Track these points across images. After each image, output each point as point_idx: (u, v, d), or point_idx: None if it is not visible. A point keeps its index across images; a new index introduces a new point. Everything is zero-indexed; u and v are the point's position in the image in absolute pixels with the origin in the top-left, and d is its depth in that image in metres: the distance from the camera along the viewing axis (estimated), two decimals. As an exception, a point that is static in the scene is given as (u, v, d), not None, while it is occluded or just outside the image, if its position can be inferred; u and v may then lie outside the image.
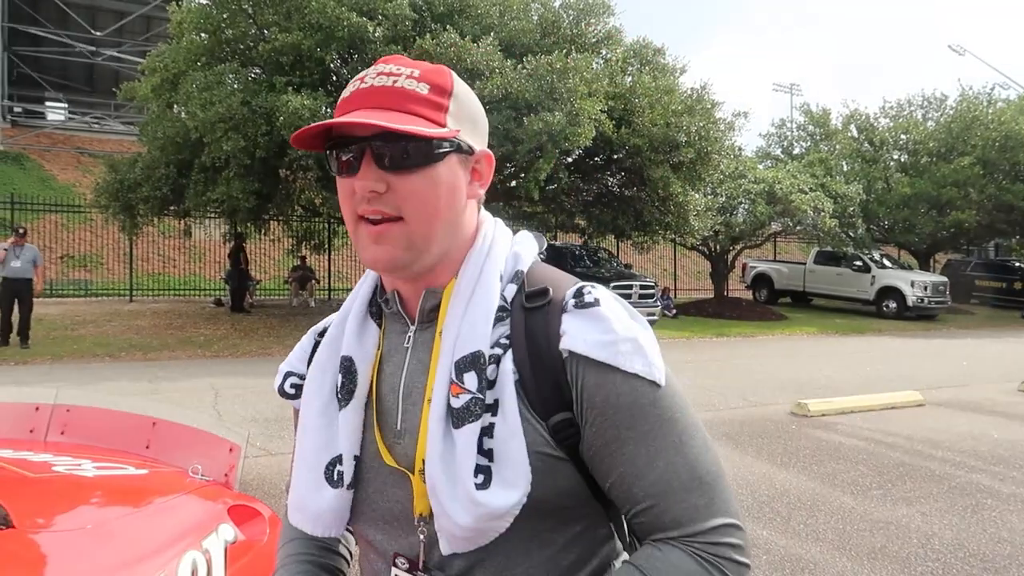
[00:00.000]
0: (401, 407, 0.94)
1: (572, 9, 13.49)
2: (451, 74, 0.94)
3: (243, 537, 1.86)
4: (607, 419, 0.87)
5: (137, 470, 2.06)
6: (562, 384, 0.88)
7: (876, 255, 22.05)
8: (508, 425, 0.87)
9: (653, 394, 0.87)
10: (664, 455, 0.87)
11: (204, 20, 12.47)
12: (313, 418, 0.98)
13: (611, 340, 0.87)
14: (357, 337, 0.99)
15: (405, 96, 0.89)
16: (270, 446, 6.04)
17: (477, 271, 0.94)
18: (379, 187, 0.88)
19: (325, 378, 0.99)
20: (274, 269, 19.98)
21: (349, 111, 0.89)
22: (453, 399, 0.88)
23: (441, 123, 0.89)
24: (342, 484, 0.94)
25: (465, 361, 0.88)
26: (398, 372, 0.96)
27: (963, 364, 12.32)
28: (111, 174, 13.64)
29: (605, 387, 0.87)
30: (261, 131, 11.11)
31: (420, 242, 0.90)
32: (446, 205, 0.91)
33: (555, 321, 0.90)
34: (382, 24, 11.57)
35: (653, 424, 0.87)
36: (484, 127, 0.98)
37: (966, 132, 23.38)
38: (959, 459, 6.24)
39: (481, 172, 0.97)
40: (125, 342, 11.52)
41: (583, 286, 0.92)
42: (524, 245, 0.99)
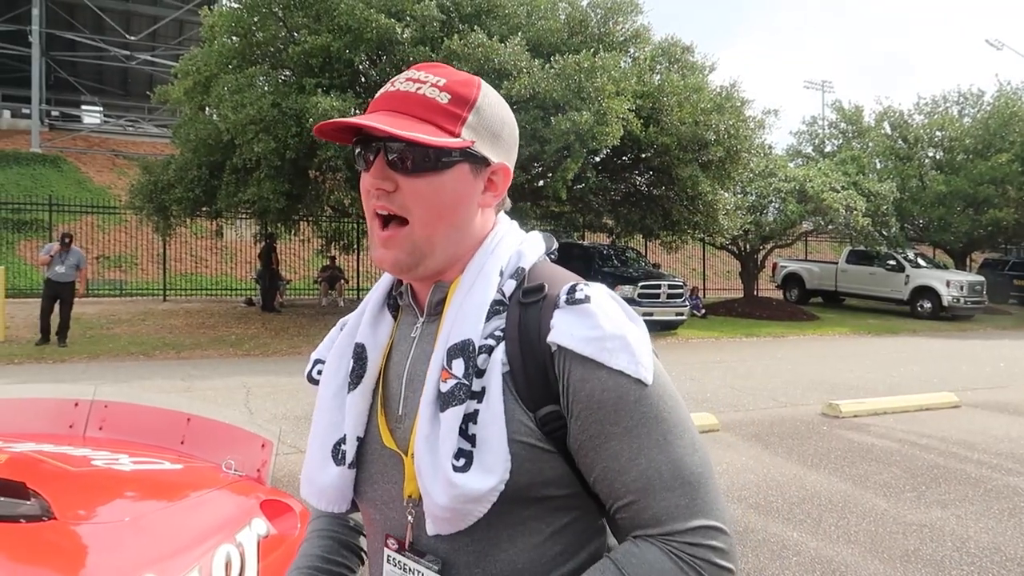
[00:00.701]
0: (404, 393, 0.99)
1: (600, 8, 13.46)
2: (479, 87, 0.97)
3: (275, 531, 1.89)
4: (592, 414, 0.89)
5: (172, 465, 2.10)
6: (550, 377, 0.91)
7: (910, 254, 21.65)
8: (491, 412, 0.90)
9: (639, 392, 0.89)
10: (647, 452, 0.88)
11: (235, 24, 12.64)
12: (327, 400, 1.05)
13: (597, 336, 0.89)
14: (371, 326, 1.05)
15: (424, 104, 0.94)
16: (300, 443, 6.11)
17: (480, 267, 0.98)
18: (387, 185, 0.94)
19: (341, 363, 1.05)
20: (304, 269, 20.18)
21: (374, 111, 0.95)
22: (441, 384, 0.92)
23: (454, 133, 0.93)
24: (344, 462, 1.00)
25: (455, 348, 0.92)
26: (404, 360, 1.01)
27: (1000, 365, 12.06)
28: (145, 176, 13.88)
29: (590, 382, 0.89)
30: (291, 132, 11.23)
31: (423, 245, 0.95)
32: (451, 211, 0.95)
33: (547, 316, 0.93)
34: (410, 25, 11.64)
35: (637, 421, 0.89)
36: (509, 141, 1.02)
37: (1004, 128, 22.90)
38: (996, 461, 6.12)
39: (496, 183, 1.00)
40: (159, 341, 11.73)
41: (577, 283, 0.95)
42: (530, 244, 1.03)
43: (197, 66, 12.95)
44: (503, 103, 1.01)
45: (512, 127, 1.03)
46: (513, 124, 1.04)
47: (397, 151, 0.93)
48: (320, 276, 18.20)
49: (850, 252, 21.92)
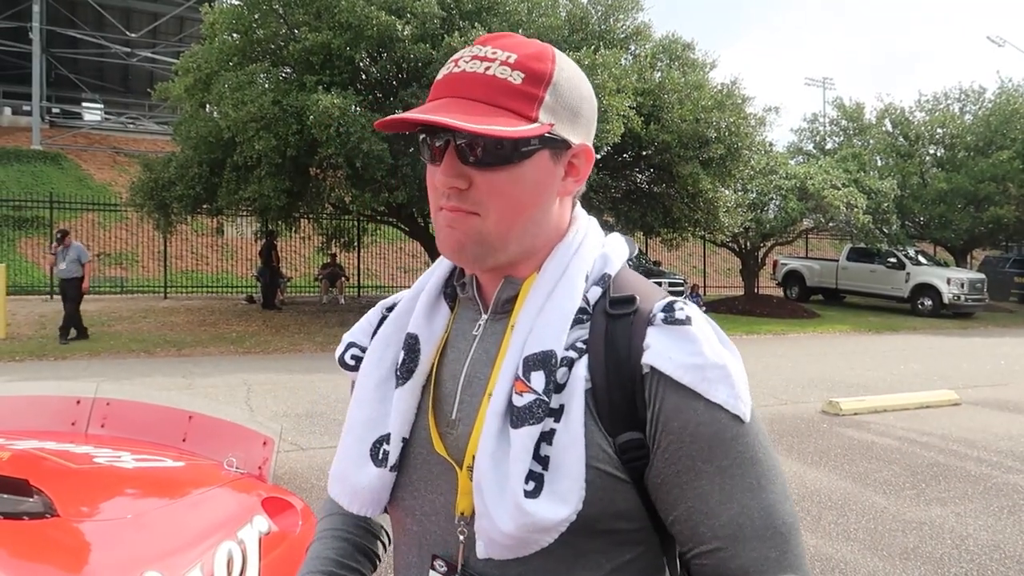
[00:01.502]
0: (459, 396, 0.90)
1: (600, 5, 13.45)
2: (554, 59, 0.87)
3: (276, 528, 1.90)
4: (682, 448, 0.81)
5: (174, 462, 2.11)
6: (637, 401, 0.83)
7: (911, 252, 21.65)
8: (570, 434, 0.81)
9: (736, 429, 0.82)
10: (740, 496, 0.81)
11: (236, 21, 12.63)
12: (368, 391, 0.95)
13: (698, 364, 0.81)
14: (427, 316, 0.96)
15: (495, 87, 0.83)
16: (301, 441, 6.12)
17: (562, 268, 0.89)
18: (460, 183, 0.84)
19: (387, 352, 0.96)
20: (304, 267, 20.19)
21: (438, 98, 0.85)
22: (516, 396, 0.83)
23: (531, 117, 0.83)
24: (386, 464, 0.90)
25: (535, 359, 0.83)
26: (461, 359, 0.92)
27: (1001, 363, 12.07)
28: (146, 173, 13.87)
29: (685, 413, 0.81)
30: (292, 130, 11.22)
31: (495, 240, 0.86)
32: (530, 203, 0.87)
33: (639, 332, 0.84)
34: (411, 22, 11.63)
35: (732, 461, 0.81)
36: (589, 117, 0.91)
37: (1005, 125, 22.88)
38: (996, 459, 6.13)
39: (578, 167, 0.91)
40: (160, 338, 11.74)
41: (674, 300, 0.87)
42: (614, 248, 0.94)
43: (198, 63, 12.94)
44: (580, 74, 0.90)
45: (591, 100, 0.92)
46: (592, 96, 0.92)
47: (470, 144, 0.83)
48: (321, 273, 18.20)
49: (851, 250, 21.91)
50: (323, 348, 11.57)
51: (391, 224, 16.41)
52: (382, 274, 21.46)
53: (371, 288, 20.55)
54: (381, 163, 11.59)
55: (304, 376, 9.07)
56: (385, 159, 11.52)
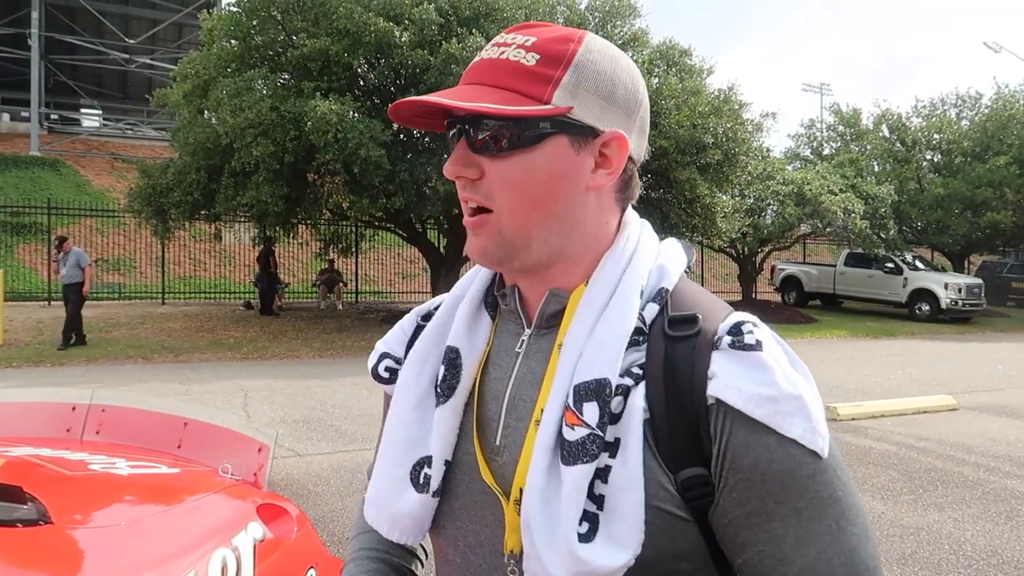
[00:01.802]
0: (503, 420, 0.83)
1: (598, 11, 13.50)
2: (580, 40, 0.79)
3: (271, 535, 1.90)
4: (753, 487, 0.73)
5: (169, 469, 2.11)
6: (702, 434, 0.75)
7: (908, 257, 21.68)
8: (628, 472, 0.73)
9: (813, 466, 0.73)
10: (817, 540, 0.72)
11: (234, 27, 12.67)
12: (407, 409, 0.88)
13: (772, 395, 0.73)
14: (468, 328, 0.88)
15: (507, 69, 0.77)
16: (298, 447, 6.11)
17: (614, 281, 0.81)
18: (470, 172, 0.79)
19: (425, 366, 0.89)
20: (302, 272, 20.19)
21: (459, 85, 0.81)
22: (567, 429, 0.75)
23: (543, 98, 0.76)
24: (428, 490, 0.83)
25: (587, 388, 0.75)
26: (505, 379, 0.84)
27: (998, 368, 12.08)
28: (144, 179, 13.89)
29: (756, 450, 0.73)
30: (290, 136, 11.25)
31: (514, 237, 0.80)
32: (547, 195, 0.79)
33: (703, 358, 0.76)
34: (409, 29, 11.66)
35: (809, 501, 0.73)
36: (627, 103, 0.81)
37: (1002, 131, 22.96)
38: (993, 464, 6.13)
39: (610, 158, 0.81)
40: (157, 344, 11.73)
41: (742, 321, 0.79)
42: (671, 257, 0.86)
43: (196, 69, 12.97)
44: (618, 56, 0.81)
45: (631, 85, 0.82)
46: (634, 82, 0.82)
47: (476, 128, 0.78)
48: (319, 279, 18.20)
49: (848, 255, 21.94)
50: (320, 354, 11.57)
51: (389, 230, 16.42)
52: (380, 280, 21.47)
53: (369, 294, 20.55)
54: (379, 169, 11.60)
55: (301, 382, 9.06)
56: (383, 165, 11.53)
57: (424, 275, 18.72)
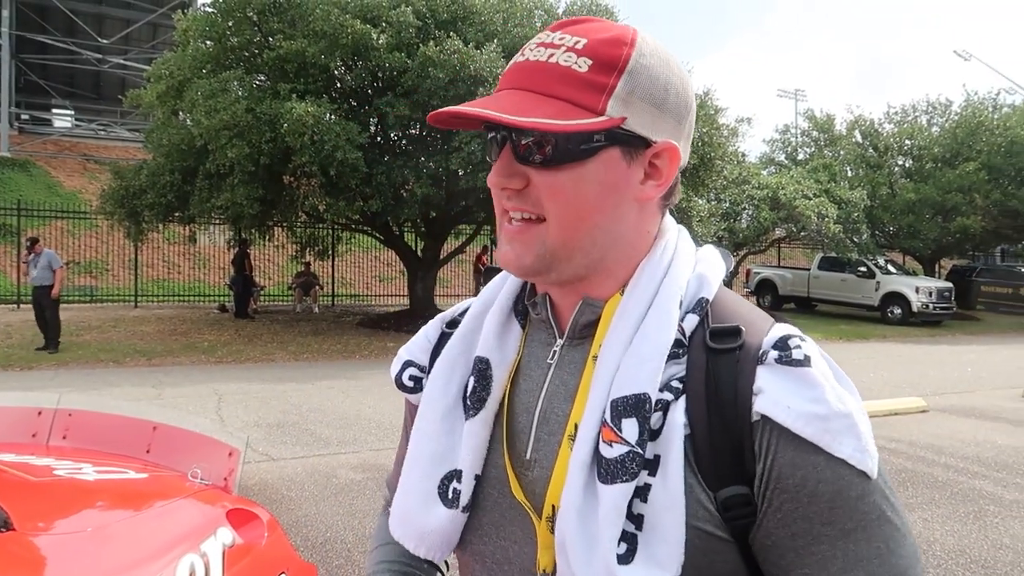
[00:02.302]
0: (534, 433, 0.80)
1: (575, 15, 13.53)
2: (632, 42, 0.75)
3: (241, 540, 1.88)
4: (799, 508, 0.70)
5: (137, 474, 2.08)
6: (746, 452, 0.72)
7: (881, 261, 21.99)
8: (669, 491, 0.71)
9: (862, 486, 0.70)
10: (866, 564, 0.70)
11: (209, 28, 12.55)
12: (434, 422, 0.85)
13: (822, 414, 0.70)
14: (498, 337, 0.85)
15: (557, 75, 0.73)
16: (272, 451, 6.06)
17: (651, 292, 0.78)
18: (514, 183, 0.76)
19: (453, 377, 0.86)
20: (278, 275, 20.03)
21: (501, 89, 0.77)
22: (604, 446, 0.72)
23: (597, 109, 0.72)
24: (457, 505, 0.81)
25: (626, 404, 0.72)
26: (536, 391, 0.82)
27: (968, 370, 12.28)
28: (116, 181, 13.72)
29: (803, 469, 0.70)
30: (265, 138, 11.16)
31: (559, 249, 0.76)
32: (596, 208, 0.76)
33: (748, 373, 0.73)
34: (386, 31, 11.62)
35: (857, 523, 0.70)
36: (678, 109, 0.78)
37: (971, 137, 23.36)
38: (962, 465, 6.23)
39: (660, 169, 0.78)
40: (130, 348, 11.57)
41: (789, 335, 0.76)
42: (711, 265, 0.83)
43: (170, 70, 12.83)
44: (668, 59, 0.78)
45: (681, 90, 0.78)
46: (684, 85, 0.79)
47: (527, 141, 0.74)
48: (295, 282, 18.08)
49: (822, 259, 22.20)
50: (296, 358, 11.48)
51: (366, 233, 16.34)
52: (357, 283, 21.35)
53: (345, 297, 20.44)
54: (356, 172, 11.55)
55: (276, 386, 8.98)
56: (360, 168, 11.48)
57: (401, 278, 18.65)
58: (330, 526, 4.47)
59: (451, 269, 20.31)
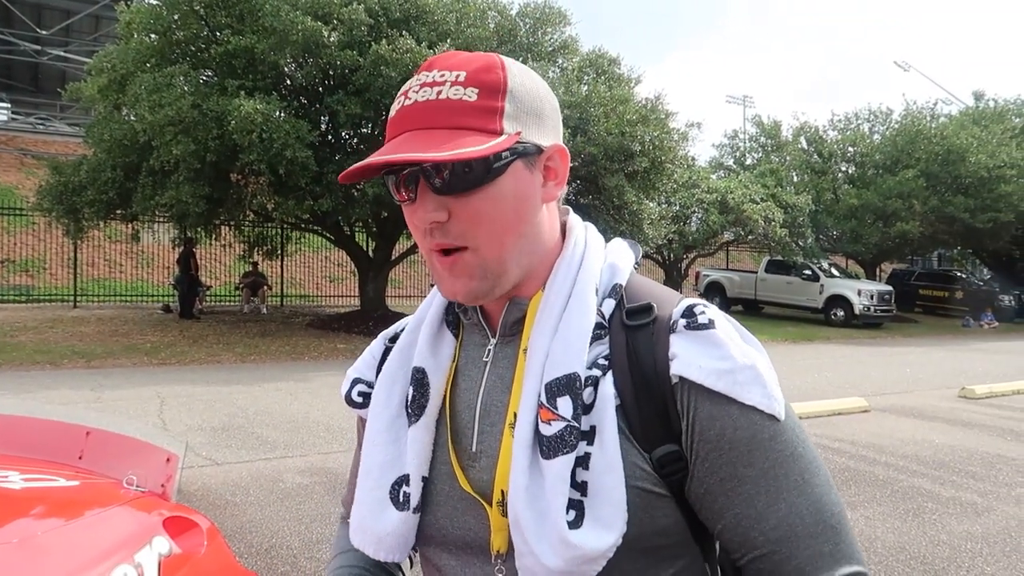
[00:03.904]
0: (477, 427, 0.86)
1: (529, 18, 13.58)
2: (502, 66, 0.82)
3: (179, 549, 1.81)
4: (722, 455, 0.79)
5: (68, 482, 1.99)
6: (670, 412, 0.80)
7: (825, 264, 22.57)
8: (606, 456, 0.78)
9: (772, 428, 0.79)
10: (786, 496, 0.79)
11: (154, 21, 12.21)
12: (380, 432, 0.91)
13: (728, 368, 0.78)
14: (431, 347, 0.91)
15: (452, 109, 0.79)
16: (216, 455, 5.91)
17: (569, 284, 0.85)
18: (440, 216, 0.80)
19: (394, 389, 0.92)
20: (225, 275, 19.61)
21: (396, 134, 0.81)
22: (543, 425, 0.79)
23: (496, 130, 0.79)
24: (408, 507, 0.86)
25: (558, 384, 0.80)
26: (474, 388, 0.88)
27: (907, 371, 12.66)
28: (55, 176, 13.25)
29: (721, 420, 0.79)
30: (212, 135, 10.91)
31: (495, 266, 0.82)
32: (517, 219, 0.82)
33: (662, 342, 0.81)
34: (337, 29, 11.48)
35: (773, 461, 0.79)
36: (553, 115, 0.86)
37: (910, 145, 24.14)
38: (902, 464, 6.41)
39: (556, 169, 0.86)
40: (68, 349, 11.17)
41: (693, 303, 0.84)
42: (620, 255, 0.91)
43: (112, 63, 12.45)
44: (532, 74, 0.86)
45: (551, 99, 0.87)
46: (550, 94, 0.87)
47: (442, 173, 0.79)
48: (242, 282, 17.72)
49: (769, 262, 22.68)
50: (243, 359, 11.24)
51: (316, 232, 16.12)
52: (307, 283, 21.05)
53: (295, 298, 20.12)
54: (306, 170, 11.38)
55: (222, 388, 8.78)
56: (310, 166, 11.31)
57: (352, 278, 18.43)
58: (275, 532, 4.38)
59: (403, 270, 20.17)
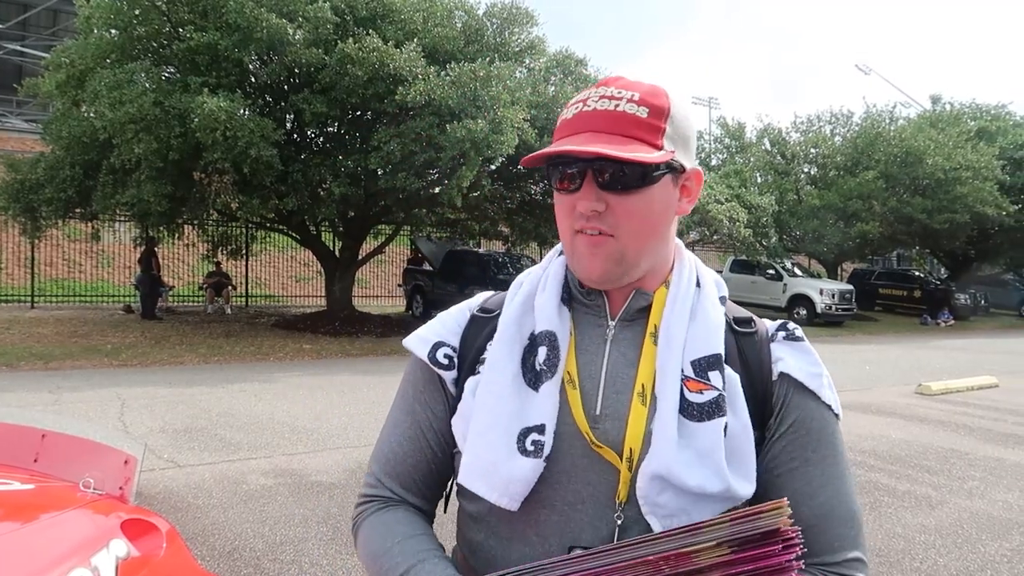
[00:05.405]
0: (602, 393, 0.98)
1: (496, 18, 13.58)
2: (669, 95, 0.98)
3: (137, 553, 1.79)
4: (800, 438, 0.98)
5: (23, 485, 1.96)
6: (766, 403, 1.00)
7: (788, 264, 22.92)
8: (741, 422, 0.95)
9: (834, 425, 1.00)
10: (833, 482, 0.97)
11: (114, 16, 11.97)
12: (506, 386, 0.99)
13: (818, 372, 1.00)
14: (557, 317, 1.02)
15: (626, 121, 0.94)
16: (179, 457, 5.83)
17: (692, 284, 1.03)
18: (599, 206, 0.95)
19: (514, 348, 1.02)
20: (188, 275, 19.31)
21: (572, 133, 0.96)
22: (694, 395, 0.95)
23: (658, 145, 0.95)
24: (540, 454, 0.95)
25: (708, 361, 0.97)
26: (597, 361, 1.00)
27: (866, 368, 12.93)
28: (11, 174, 12.94)
29: (806, 410, 0.99)
30: (175, 133, 10.74)
31: (632, 257, 0.97)
32: (658, 222, 0.98)
33: (765, 348, 1.02)
34: (303, 27, 11.38)
35: (830, 452, 0.99)
36: (695, 144, 1.04)
37: (870, 147, 24.59)
38: (860, 459, 6.55)
39: (690, 189, 1.02)
40: (25, 351, 10.92)
41: (785, 322, 1.07)
42: (719, 276, 1.09)
43: (71, 58, 12.19)
44: (689, 106, 1.02)
45: (696, 129, 1.05)
46: (696, 125, 1.06)
47: (609, 171, 0.94)
48: (206, 282, 17.47)
49: (733, 262, 22.98)
50: (206, 360, 11.09)
51: (282, 232, 15.95)
52: (272, 283, 20.82)
53: (260, 298, 19.89)
54: (270, 169, 11.27)
55: (184, 389, 8.66)
56: (275, 165, 11.21)
57: (319, 278, 18.27)
58: (239, 534, 4.34)
59: (370, 269, 20.04)
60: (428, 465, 1.08)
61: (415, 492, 1.09)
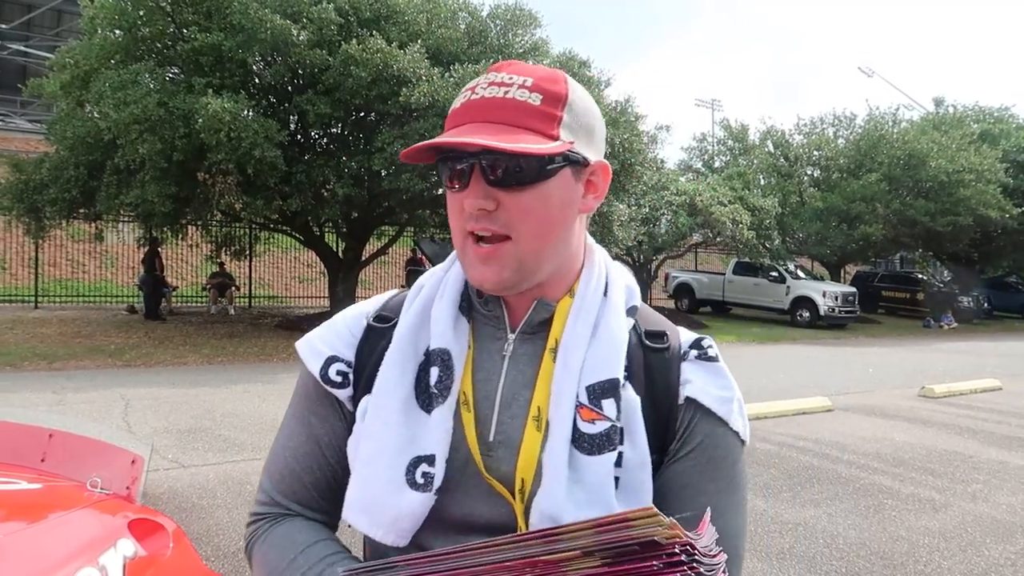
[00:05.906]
0: (496, 417, 0.89)
1: (499, 19, 13.58)
2: (566, 81, 0.89)
3: (144, 552, 1.80)
4: (697, 465, 0.90)
5: (30, 484, 1.96)
6: (669, 426, 0.91)
7: (791, 266, 22.90)
8: (638, 454, 0.87)
9: (738, 453, 0.93)
10: (727, 513, 0.88)
11: (119, 16, 11.99)
12: (395, 412, 0.89)
13: (729, 397, 0.92)
14: (452, 331, 0.92)
15: (517, 108, 0.85)
16: (183, 458, 5.84)
17: (599, 294, 0.93)
18: (488, 205, 0.85)
19: (407, 367, 0.91)
20: (192, 275, 19.34)
21: (460, 124, 0.86)
22: (586, 425, 0.85)
23: (554, 136, 0.85)
24: (430, 488, 0.86)
25: (602, 387, 0.87)
26: (493, 379, 0.91)
27: (869, 371, 12.91)
28: (15, 174, 12.96)
29: (711, 436, 0.91)
30: (179, 133, 10.75)
31: (530, 262, 0.87)
32: (558, 221, 0.88)
33: (675, 367, 0.93)
34: (307, 28, 11.39)
35: (730, 482, 0.91)
36: (601, 136, 0.93)
37: (873, 150, 24.58)
38: (863, 462, 6.54)
39: (596, 184, 0.92)
40: (28, 351, 10.94)
41: (701, 337, 0.96)
42: (631, 278, 0.99)
43: (76, 59, 12.21)
44: (589, 96, 0.92)
45: (601, 120, 0.94)
46: (599, 116, 0.93)
47: (498, 165, 0.84)
48: (209, 283, 17.48)
49: (736, 264, 22.95)
50: (210, 361, 11.11)
51: (285, 233, 15.96)
52: (276, 284, 20.84)
53: (263, 299, 19.91)
54: (274, 170, 11.27)
55: (188, 390, 8.67)
56: (278, 166, 11.21)
57: (322, 279, 18.29)
58: (243, 535, 4.34)
59: (373, 270, 20.05)
60: (328, 482, 0.96)
61: (316, 508, 0.97)
